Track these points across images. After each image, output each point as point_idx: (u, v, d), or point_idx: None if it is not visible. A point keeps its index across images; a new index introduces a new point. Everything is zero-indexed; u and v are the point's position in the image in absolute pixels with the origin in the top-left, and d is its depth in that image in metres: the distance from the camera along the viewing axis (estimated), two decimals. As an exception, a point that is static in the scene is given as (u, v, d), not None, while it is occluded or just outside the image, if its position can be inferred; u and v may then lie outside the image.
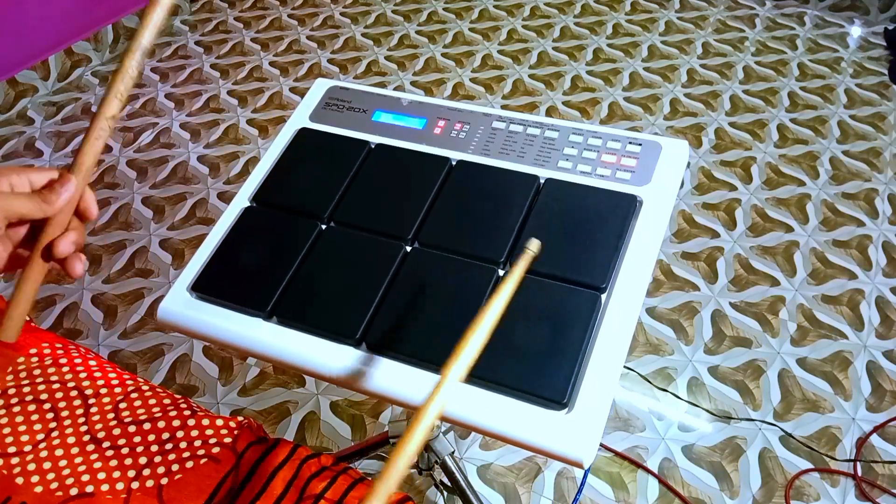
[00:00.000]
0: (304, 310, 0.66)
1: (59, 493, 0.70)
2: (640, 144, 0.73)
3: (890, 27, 2.31)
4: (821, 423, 1.31)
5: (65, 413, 0.77)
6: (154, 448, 0.74)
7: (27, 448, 0.73)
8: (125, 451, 0.74)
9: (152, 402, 0.80)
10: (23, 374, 0.81)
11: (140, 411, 0.78)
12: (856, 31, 2.37)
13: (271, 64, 2.27)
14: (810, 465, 1.25)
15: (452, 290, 0.65)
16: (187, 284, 0.70)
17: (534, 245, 0.57)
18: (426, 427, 0.46)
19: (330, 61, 2.28)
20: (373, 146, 0.79)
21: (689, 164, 1.85)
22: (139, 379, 0.84)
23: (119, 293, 1.56)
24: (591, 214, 0.68)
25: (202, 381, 1.39)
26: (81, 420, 0.77)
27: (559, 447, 0.56)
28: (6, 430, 0.75)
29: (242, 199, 0.77)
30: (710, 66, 2.20)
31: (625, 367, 1.38)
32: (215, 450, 0.75)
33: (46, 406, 0.78)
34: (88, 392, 0.80)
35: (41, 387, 0.80)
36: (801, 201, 1.75)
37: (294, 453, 0.75)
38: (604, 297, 0.63)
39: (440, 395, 0.48)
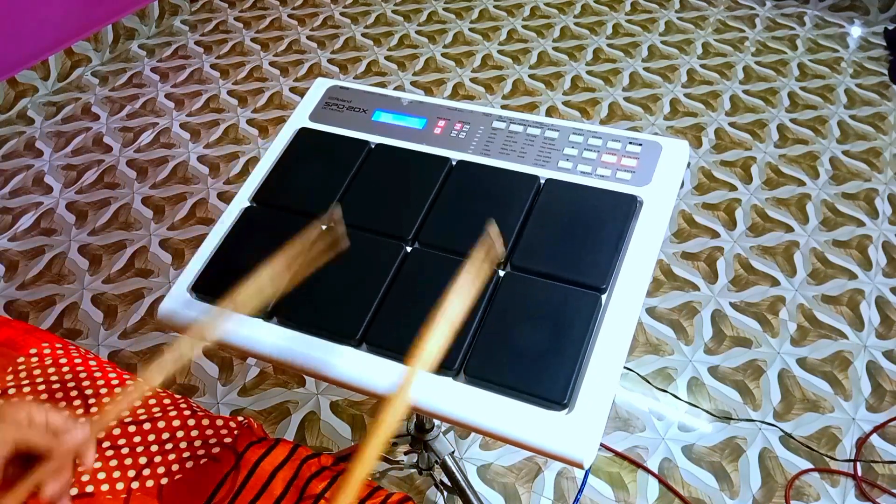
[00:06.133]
0: (304, 310, 0.66)
1: (59, 494, 0.70)
2: (640, 144, 0.73)
3: (890, 27, 2.31)
4: (821, 423, 1.31)
5: (65, 413, 0.77)
6: (154, 448, 0.74)
7: (27, 448, 0.73)
8: (125, 451, 0.74)
9: (152, 402, 0.80)
10: (23, 374, 0.81)
11: (140, 411, 0.78)
12: (856, 31, 2.37)
13: (271, 64, 2.27)
14: (810, 465, 1.25)
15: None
16: (187, 285, 0.70)
17: (492, 231, 0.59)
18: (397, 418, 0.48)
19: (330, 61, 2.28)
20: (373, 146, 0.79)
21: (689, 164, 1.85)
22: (139, 379, 0.84)
23: (119, 293, 1.56)
24: (592, 215, 0.68)
25: (202, 381, 1.39)
26: (81, 420, 0.77)
27: (559, 447, 0.56)
28: (6, 431, 0.75)
29: (242, 199, 0.77)
30: (710, 66, 2.20)
31: (625, 367, 1.38)
32: (215, 450, 0.75)
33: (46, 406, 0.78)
34: (88, 392, 0.80)
35: (41, 387, 0.80)
36: (801, 201, 1.75)
37: (294, 453, 0.75)
38: (604, 297, 0.63)
39: (409, 387, 0.49)
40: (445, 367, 0.61)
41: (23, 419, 0.49)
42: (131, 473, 0.72)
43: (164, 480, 0.71)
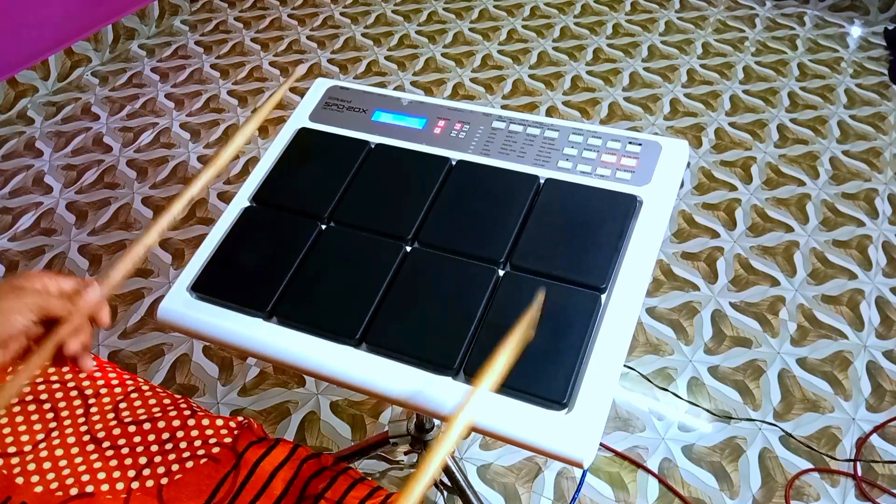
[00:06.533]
0: (304, 310, 0.66)
1: (59, 493, 0.70)
2: (639, 144, 0.73)
3: (890, 27, 2.31)
4: (821, 423, 1.31)
5: (65, 413, 0.77)
6: (154, 448, 0.74)
7: (27, 448, 0.73)
8: (125, 451, 0.74)
9: (152, 402, 0.80)
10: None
11: (140, 411, 0.78)
12: (856, 31, 2.37)
13: (271, 64, 2.27)
14: (810, 465, 1.25)
15: (452, 290, 0.65)
16: (187, 284, 0.70)
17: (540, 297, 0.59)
18: (455, 438, 0.47)
19: (330, 61, 2.28)
20: (373, 146, 0.79)
21: (689, 164, 1.85)
22: (139, 379, 0.84)
23: (119, 293, 1.56)
24: (591, 214, 0.68)
25: (202, 381, 1.39)
26: (81, 420, 0.77)
27: (559, 447, 0.56)
28: (6, 430, 0.75)
29: (242, 199, 0.77)
30: (710, 66, 2.20)
31: (625, 366, 1.38)
32: (215, 450, 0.75)
33: (46, 406, 0.78)
34: (88, 392, 0.80)
35: (41, 387, 0.80)
36: (801, 201, 1.75)
37: (294, 453, 0.75)
38: (604, 297, 0.63)
39: (471, 406, 0.49)
40: (445, 366, 0.61)
41: (40, 288, 0.52)
42: (131, 473, 0.72)
43: (164, 480, 0.72)
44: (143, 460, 0.73)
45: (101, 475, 0.72)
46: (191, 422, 0.78)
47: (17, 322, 0.49)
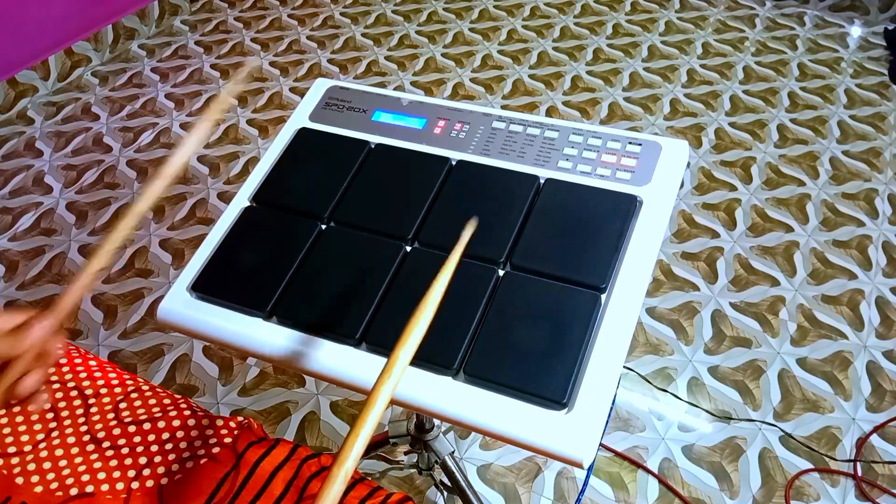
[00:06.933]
0: (304, 310, 0.66)
1: (59, 493, 0.70)
2: (639, 144, 0.73)
3: (890, 27, 2.31)
4: (821, 423, 1.31)
5: (65, 413, 0.77)
6: (154, 448, 0.74)
7: (27, 448, 0.73)
8: (125, 451, 0.74)
9: (152, 402, 0.80)
10: (23, 374, 0.81)
11: (140, 411, 0.78)
12: (856, 31, 2.37)
13: (271, 64, 2.27)
14: (810, 465, 1.25)
15: (453, 290, 0.65)
16: (187, 284, 0.70)
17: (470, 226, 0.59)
18: (379, 412, 0.47)
19: (330, 61, 2.28)
20: (373, 146, 0.79)
21: (689, 164, 1.85)
22: (139, 379, 0.84)
23: (119, 293, 1.56)
24: (591, 214, 0.68)
25: (202, 381, 1.39)
26: (81, 420, 0.77)
27: (559, 447, 0.56)
28: (6, 430, 0.75)
29: (242, 199, 0.77)
30: (710, 66, 2.20)
31: (625, 367, 1.38)
32: (215, 450, 0.75)
33: (46, 406, 0.78)
34: (88, 392, 0.80)
35: (41, 386, 0.80)
36: (801, 201, 1.75)
37: (294, 453, 0.75)
38: (604, 297, 0.63)
39: (392, 379, 0.49)
40: (445, 366, 0.61)
41: None
42: (131, 473, 0.72)
43: (164, 480, 0.72)
44: (143, 460, 0.73)
45: (101, 475, 0.72)
46: (191, 422, 0.78)
47: None
